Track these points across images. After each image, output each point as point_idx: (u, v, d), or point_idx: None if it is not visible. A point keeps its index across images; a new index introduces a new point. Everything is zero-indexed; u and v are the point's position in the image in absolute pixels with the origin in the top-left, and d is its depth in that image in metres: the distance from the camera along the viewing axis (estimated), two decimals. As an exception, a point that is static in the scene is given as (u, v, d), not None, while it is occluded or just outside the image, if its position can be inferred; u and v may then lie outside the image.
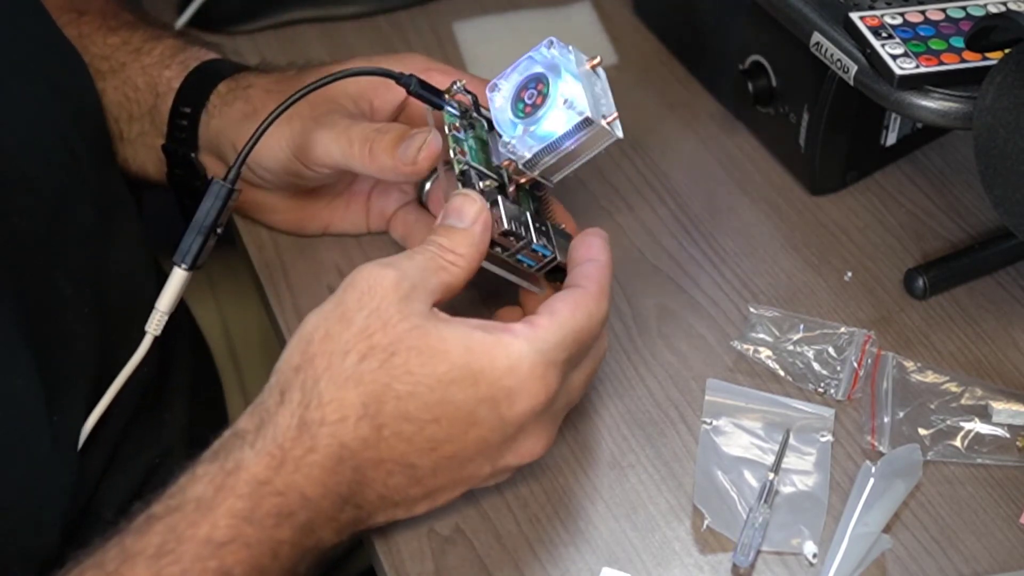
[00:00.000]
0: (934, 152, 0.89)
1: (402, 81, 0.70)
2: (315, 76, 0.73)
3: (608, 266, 0.67)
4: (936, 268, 0.79)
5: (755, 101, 0.86)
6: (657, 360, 0.76)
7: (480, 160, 0.71)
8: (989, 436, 0.71)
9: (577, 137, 0.68)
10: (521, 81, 0.70)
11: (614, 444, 0.72)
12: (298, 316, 0.78)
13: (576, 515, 0.68)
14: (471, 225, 0.65)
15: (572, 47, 0.70)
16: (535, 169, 0.69)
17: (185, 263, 0.68)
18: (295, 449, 0.59)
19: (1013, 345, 0.77)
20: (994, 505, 0.69)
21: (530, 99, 0.69)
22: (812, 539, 0.67)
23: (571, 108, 0.67)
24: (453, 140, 0.70)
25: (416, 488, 0.62)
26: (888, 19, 0.77)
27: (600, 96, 0.69)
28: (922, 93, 0.74)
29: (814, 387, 0.74)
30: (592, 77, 0.70)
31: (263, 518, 0.58)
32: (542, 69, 0.69)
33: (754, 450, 0.71)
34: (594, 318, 0.64)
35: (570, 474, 0.70)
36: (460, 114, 0.72)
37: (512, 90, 0.70)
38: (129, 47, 0.82)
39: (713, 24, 0.91)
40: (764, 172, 0.88)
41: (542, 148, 0.68)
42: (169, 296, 0.69)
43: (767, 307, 0.77)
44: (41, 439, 0.64)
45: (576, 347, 0.63)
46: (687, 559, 0.67)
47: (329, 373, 0.60)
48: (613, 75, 0.95)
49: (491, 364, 0.61)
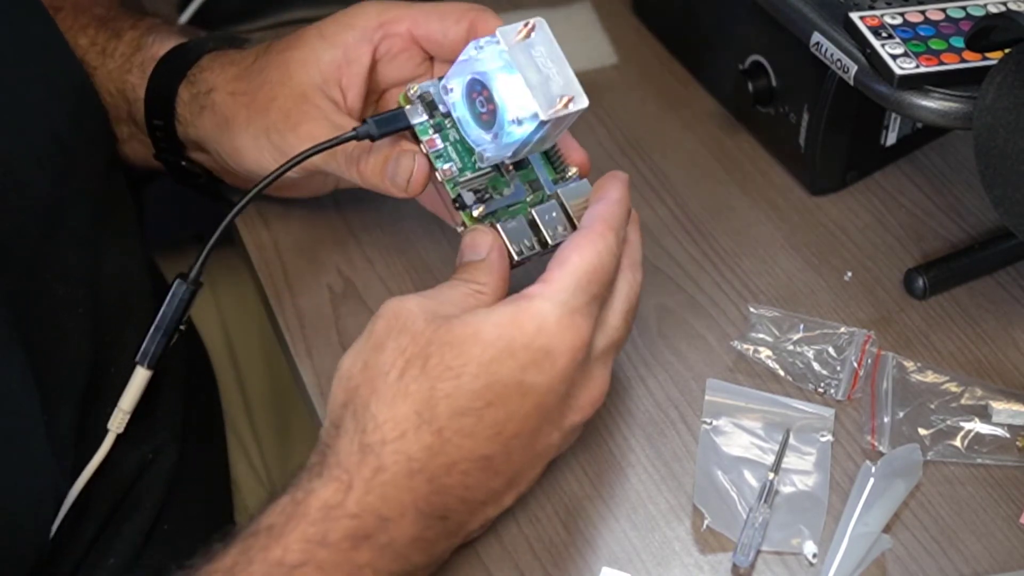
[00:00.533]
0: (934, 152, 0.89)
1: (360, 137, 0.69)
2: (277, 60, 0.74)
3: (616, 202, 0.67)
4: (936, 268, 0.79)
5: (755, 101, 0.86)
6: (657, 360, 0.76)
7: (469, 162, 0.70)
8: (989, 436, 0.71)
9: (544, 131, 0.66)
10: (466, 87, 0.68)
11: (614, 444, 0.72)
12: (298, 316, 0.78)
13: (576, 515, 0.68)
14: (487, 254, 0.66)
15: (499, 30, 0.65)
16: (521, 155, 0.69)
17: (148, 363, 0.69)
18: (362, 471, 0.59)
19: (1013, 345, 0.77)
20: (994, 505, 0.69)
21: (482, 106, 0.68)
22: (812, 539, 0.67)
23: (522, 122, 0.66)
24: (435, 158, 0.69)
25: (496, 480, 0.62)
26: (888, 19, 0.77)
27: (548, 73, 0.65)
28: (922, 93, 0.74)
29: (814, 387, 0.74)
30: (529, 51, 0.65)
31: (338, 541, 0.58)
32: (478, 77, 0.67)
33: (754, 450, 0.71)
34: (603, 254, 0.64)
35: (570, 474, 0.70)
36: (429, 117, 0.70)
37: (463, 94, 0.68)
38: (96, 48, 0.81)
39: (713, 24, 0.91)
40: (764, 172, 0.88)
41: (516, 147, 0.67)
42: (131, 396, 0.69)
43: (767, 307, 0.77)
44: (34, 439, 0.64)
45: (594, 286, 0.63)
46: (687, 559, 0.67)
47: (376, 396, 0.60)
48: (613, 75, 0.96)
49: (521, 331, 0.61)
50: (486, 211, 0.69)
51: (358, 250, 0.82)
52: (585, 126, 0.90)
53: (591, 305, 0.63)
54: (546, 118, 0.64)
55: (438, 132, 0.70)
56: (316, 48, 0.74)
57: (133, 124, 0.81)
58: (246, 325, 0.96)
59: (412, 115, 0.70)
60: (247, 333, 0.96)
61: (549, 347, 0.61)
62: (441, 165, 0.69)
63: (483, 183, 0.70)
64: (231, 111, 0.75)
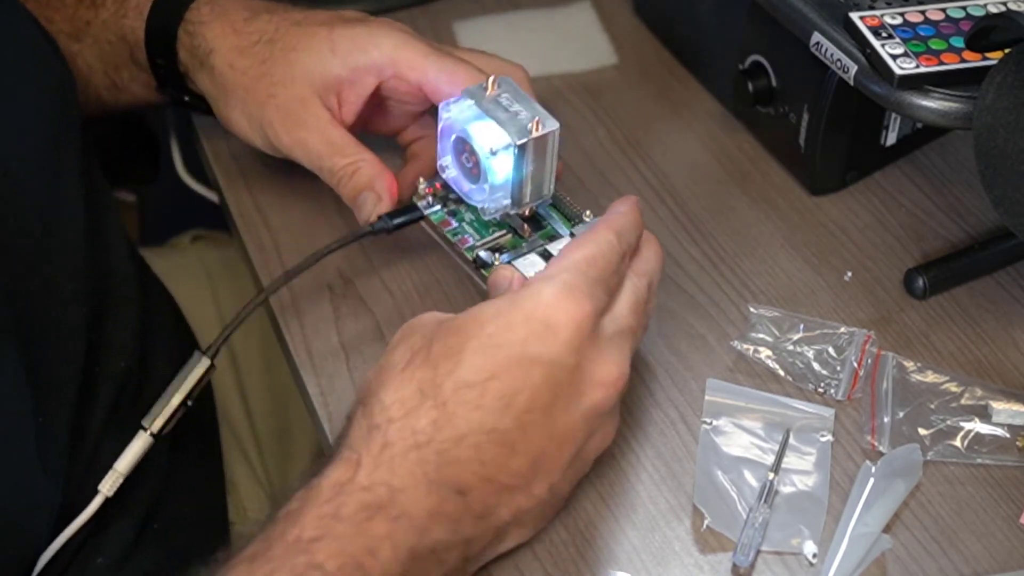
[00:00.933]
0: (934, 152, 0.89)
1: (376, 232, 0.74)
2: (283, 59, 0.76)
3: (622, 213, 0.67)
4: (936, 268, 0.79)
5: (755, 101, 0.86)
6: (657, 360, 0.76)
7: (484, 229, 0.74)
8: (989, 436, 0.71)
9: (525, 161, 0.70)
10: (452, 151, 0.73)
11: (614, 444, 0.71)
12: (298, 316, 0.78)
13: (576, 515, 0.68)
14: (509, 285, 0.67)
15: (465, 90, 0.72)
16: (524, 203, 0.72)
17: (152, 429, 0.69)
18: (371, 448, 0.59)
19: (1013, 345, 0.77)
20: (994, 505, 0.69)
21: (468, 162, 0.72)
22: (812, 539, 0.67)
23: (498, 152, 0.70)
24: (452, 235, 0.74)
25: (516, 460, 0.61)
26: (888, 19, 0.77)
27: (515, 111, 0.71)
28: (922, 93, 0.74)
29: (814, 387, 0.74)
30: (496, 99, 0.71)
31: (352, 514, 0.58)
32: (457, 134, 0.72)
33: (754, 450, 0.71)
34: (601, 245, 0.65)
35: (570, 474, 0.70)
36: (442, 206, 0.75)
37: (454, 162, 0.73)
38: (85, 3, 0.82)
39: (713, 24, 0.91)
40: (764, 172, 0.88)
41: (511, 190, 0.71)
42: (129, 459, 0.69)
43: (767, 307, 0.77)
44: (27, 440, 0.64)
45: (593, 270, 0.63)
46: (687, 559, 0.67)
47: (384, 386, 0.61)
48: (613, 75, 0.96)
49: (520, 309, 0.61)
50: (504, 261, 0.72)
51: (358, 250, 0.82)
52: (585, 126, 0.91)
53: (592, 287, 0.63)
54: (520, 142, 0.69)
55: (452, 215, 0.75)
56: (325, 60, 0.76)
57: (135, 66, 0.82)
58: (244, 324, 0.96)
59: (425, 208, 0.75)
60: (246, 332, 0.96)
61: (548, 319, 0.61)
62: (457, 237, 0.74)
63: (501, 245, 0.73)
64: (230, 84, 0.78)
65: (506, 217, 0.73)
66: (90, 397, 0.71)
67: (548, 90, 0.93)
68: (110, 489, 0.68)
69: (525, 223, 0.74)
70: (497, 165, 0.71)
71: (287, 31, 0.78)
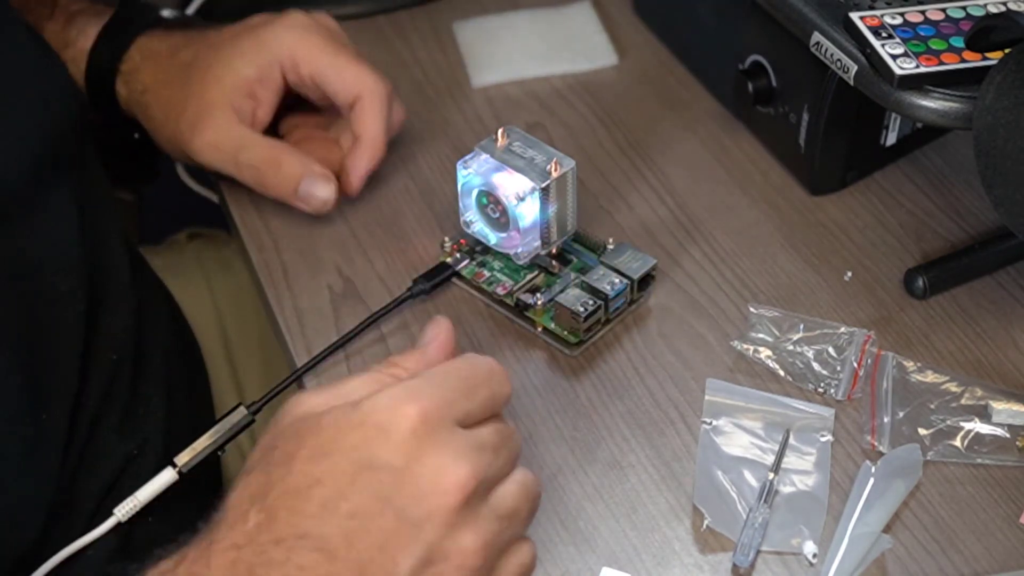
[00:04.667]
0: (934, 152, 0.89)
1: (415, 295, 0.77)
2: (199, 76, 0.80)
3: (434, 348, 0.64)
4: (936, 268, 0.79)
5: (755, 101, 0.86)
6: (657, 360, 0.76)
7: (516, 274, 0.78)
8: (989, 436, 0.71)
9: (549, 201, 0.74)
10: (476, 206, 0.77)
11: (614, 444, 0.72)
12: (298, 316, 0.78)
13: (576, 515, 0.68)
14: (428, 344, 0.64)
15: (477, 146, 0.75)
16: (552, 241, 0.76)
17: (182, 467, 0.69)
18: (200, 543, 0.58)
19: (1013, 345, 0.77)
20: (994, 505, 0.69)
21: (495, 213, 0.76)
22: (812, 539, 0.67)
23: (524, 198, 0.74)
24: (487, 285, 0.77)
25: (338, 567, 0.57)
26: (888, 19, 0.77)
27: (530, 156, 0.75)
28: (922, 93, 0.74)
29: (814, 387, 0.74)
30: (508, 148, 0.75)
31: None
32: (479, 188, 0.76)
33: (754, 450, 0.71)
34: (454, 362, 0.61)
35: (570, 474, 0.70)
36: (471, 259, 0.78)
37: (479, 216, 0.77)
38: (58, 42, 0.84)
39: (713, 24, 0.91)
40: (764, 172, 0.88)
41: (540, 232, 0.75)
42: (150, 490, 0.68)
43: (767, 307, 0.77)
44: (22, 436, 0.64)
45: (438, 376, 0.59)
46: (687, 559, 0.67)
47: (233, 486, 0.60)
48: (613, 75, 0.96)
49: (358, 413, 0.58)
50: (545, 300, 0.76)
51: (358, 250, 0.82)
52: (585, 126, 0.91)
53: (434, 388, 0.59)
54: (543, 185, 0.74)
55: (482, 267, 0.78)
56: (233, 65, 0.80)
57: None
58: (243, 322, 0.96)
59: (454, 264, 0.78)
60: (245, 332, 0.96)
61: (382, 422, 0.57)
62: (493, 286, 0.77)
63: (536, 285, 0.77)
64: (158, 117, 0.83)
65: (535, 259, 0.77)
66: (84, 391, 0.71)
67: (548, 90, 0.93)
68: (126, 515, 0.68)
69: (553, 260, 0.78)
70: (525, 210, 0.74)
71: (204, 53, 0.82)
